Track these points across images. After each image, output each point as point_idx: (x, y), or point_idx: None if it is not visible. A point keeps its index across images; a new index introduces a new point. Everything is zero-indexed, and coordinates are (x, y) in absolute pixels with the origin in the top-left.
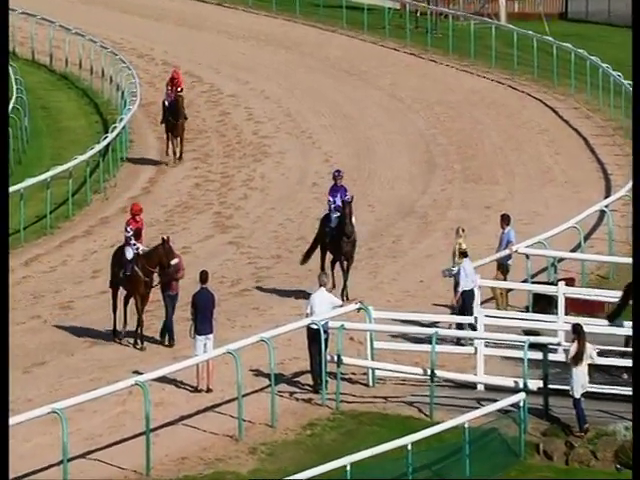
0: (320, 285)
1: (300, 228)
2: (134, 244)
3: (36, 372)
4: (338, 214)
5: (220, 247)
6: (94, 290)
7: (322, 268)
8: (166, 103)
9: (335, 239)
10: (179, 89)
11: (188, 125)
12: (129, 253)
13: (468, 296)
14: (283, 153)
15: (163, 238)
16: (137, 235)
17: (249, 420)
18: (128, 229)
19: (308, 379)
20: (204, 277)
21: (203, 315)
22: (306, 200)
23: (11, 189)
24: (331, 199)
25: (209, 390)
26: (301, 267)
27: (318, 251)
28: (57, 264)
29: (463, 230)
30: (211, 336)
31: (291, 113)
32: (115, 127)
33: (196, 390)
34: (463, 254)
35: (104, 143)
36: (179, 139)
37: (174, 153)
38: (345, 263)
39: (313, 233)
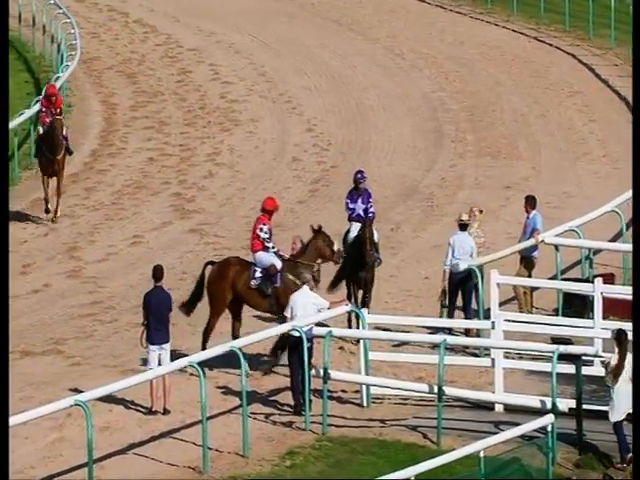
0: (302, 283)
1: (278, 213)
2: (273, 247)
3: None
4: (358, 226)
5: (180, 236)
6: (24, 289)
7: (348, 296)
8: (41, 130)
9: (352, 265)
10: (57, 111)
11: (139, 86)
12: (276, 260)
13: (454, 280)
14: (257, 121)
15: (319, 226)
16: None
17: (216, 448)
18: (265, 230)
19: (288, 398)
20: (158, 273)
21: (157, 320)
22: (284, 179)
23: None
24: (350, 205)
25: (166, 412)
26: None
27: None
28: None
29: (481, 211)
30: (167, 345)
31: (266, 72)
32: None
33: (150, 412)
34: (460, 225)
35: (36, 107)
36: (56, 184)
37: (47, 206)
38: (361, 291)
39: (294, 219)
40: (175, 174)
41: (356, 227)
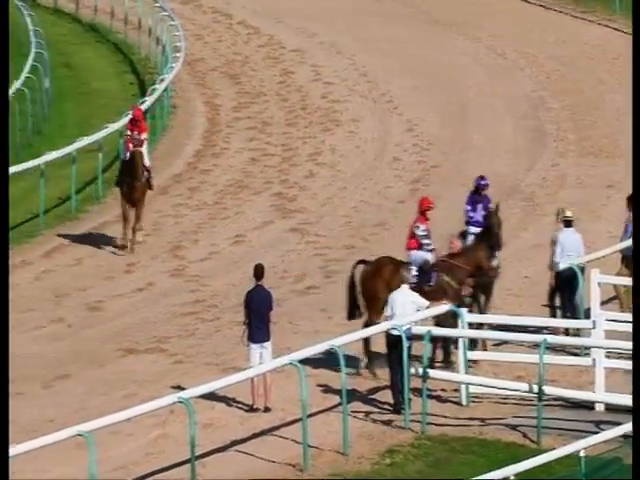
0: (401, 282)
1: (378, 212)
2: (428, 244)
3: (58, 387)
4: (475, 231)
5: (281, 235)
6: (128, 287)
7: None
8: (124, 156)
9: None
10: (141, 137)
11: (242, 87)
12: (429, 256)
13: (563, 278)
14: (358, 121)
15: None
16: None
17: (316, 446)
18: (422, 228)
19: (388, 396)
20: (260, 272)
21: (258, 318)
22: (385, 178)
23: (29, 164)
24: (470, 212)
25: (267, 409)
26: None
27: None
28: (84, 256)
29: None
30: (268, 344)
31: (368, 72)
32: (155, 89)
33: (251, 409)
34: (565, 222)
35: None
36: (135, 217)
37: (126, 235)
38: (482, 298)
39: (394, 218)
40: (277, 174)
41: (471, 232)
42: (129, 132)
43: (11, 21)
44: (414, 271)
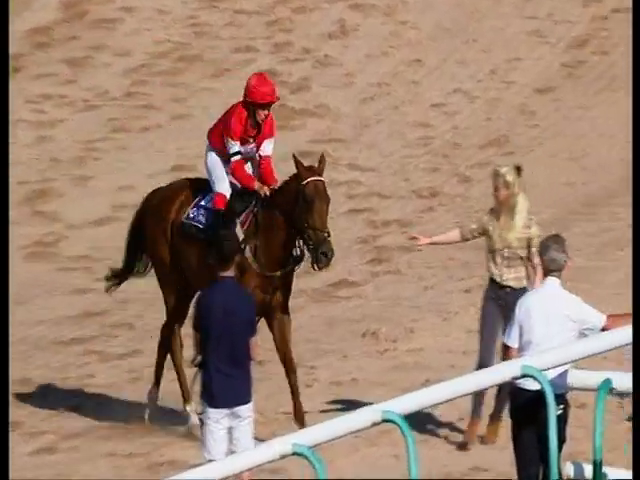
0: None
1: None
2: None
3: None
4: None
5: None
6: None
7: None
8: (223, 190)
9: None
10: (266, 150)
11: None
12: None
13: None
14: None
15: None
16: None
17: None
18: None
19: None
20: (228, 249)
21: (227, 352)
22: None
23: None
24: None
25: None
26: None
27: None
28: None
29: None
30: (247, 409)
31: None
32: None
33: None
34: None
35: None
36: (279, 335)
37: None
38: None
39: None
40: None
41: None
42: (236, 145)
43: None
44: None
